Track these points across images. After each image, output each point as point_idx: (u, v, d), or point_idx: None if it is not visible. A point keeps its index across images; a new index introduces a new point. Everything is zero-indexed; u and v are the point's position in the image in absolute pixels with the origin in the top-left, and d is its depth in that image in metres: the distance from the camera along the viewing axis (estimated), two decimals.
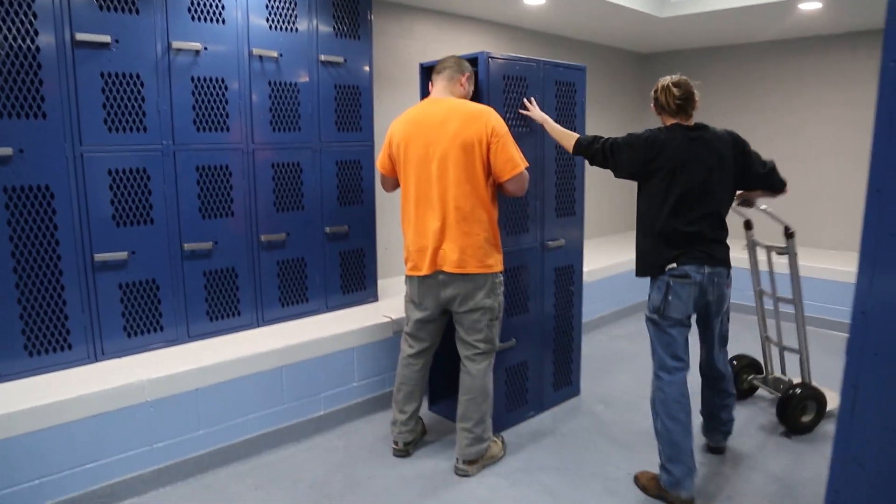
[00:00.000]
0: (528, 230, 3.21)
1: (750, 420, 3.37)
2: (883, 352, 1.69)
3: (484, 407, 2.82)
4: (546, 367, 3.44)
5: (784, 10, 4.42)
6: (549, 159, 3.26)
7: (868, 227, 1.68)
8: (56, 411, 2.40)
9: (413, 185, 2.72)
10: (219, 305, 3.14)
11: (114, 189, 2.75)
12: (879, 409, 1.72)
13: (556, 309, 3.43)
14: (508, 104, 3.02)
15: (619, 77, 6.42)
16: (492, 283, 2.74)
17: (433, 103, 2.75)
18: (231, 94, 3.03)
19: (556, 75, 3.26)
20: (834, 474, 1.85)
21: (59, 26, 2.54)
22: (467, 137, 2.60)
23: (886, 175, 1.63)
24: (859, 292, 1.72)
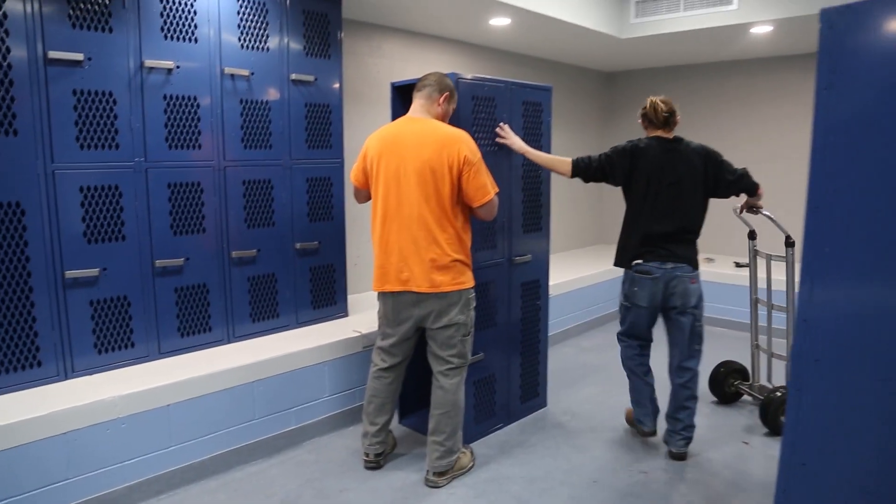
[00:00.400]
0: (496, 246, 3.30)
1: (728, 422, 3.51)
2: (823, 358, 1.81)
3: (456, 420, 2.88)
4: (514, 379, 3.52)
5: (737, 33, 4.63)
6: (516, 177, 3.37)
7: (808, 241, 1.81)
8: (26, 429, 2.39)
9: (382, 202, 2.77)
10: (190, 321, 3.16)
11: (85, 206, 2.77)
12: (821, 412, 1.84)
13: (522, 323, 3.53)
14: (478, 124, 3.12)
15: (584, 95, 6.60)
16: (465, 300, 2.81)
17: (410, 122, 2.80)
18: (203, 111, 3.07)
19: (524, 95, 3.37)
20: (782, 475, 1.97)
21: (31, 44, 2.56)
22: (440, 161, 2.65)
23: (822, 194, 1.76)
24: (801, 302, 1.84)
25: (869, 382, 1.72)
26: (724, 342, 4.91)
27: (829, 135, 1.74)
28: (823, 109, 1.75)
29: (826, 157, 1.75)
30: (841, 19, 1.70)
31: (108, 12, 2.74)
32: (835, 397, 1.81)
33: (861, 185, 1.69)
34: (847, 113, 1.70)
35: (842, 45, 1.71)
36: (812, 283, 1.82)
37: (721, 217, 5.93)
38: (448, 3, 3.86)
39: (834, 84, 1.73)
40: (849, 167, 1.71)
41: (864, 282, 1.72)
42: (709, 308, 5.37)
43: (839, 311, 1.78)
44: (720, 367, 3.84)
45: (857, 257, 1.72)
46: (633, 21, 4.81)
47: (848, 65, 1.70)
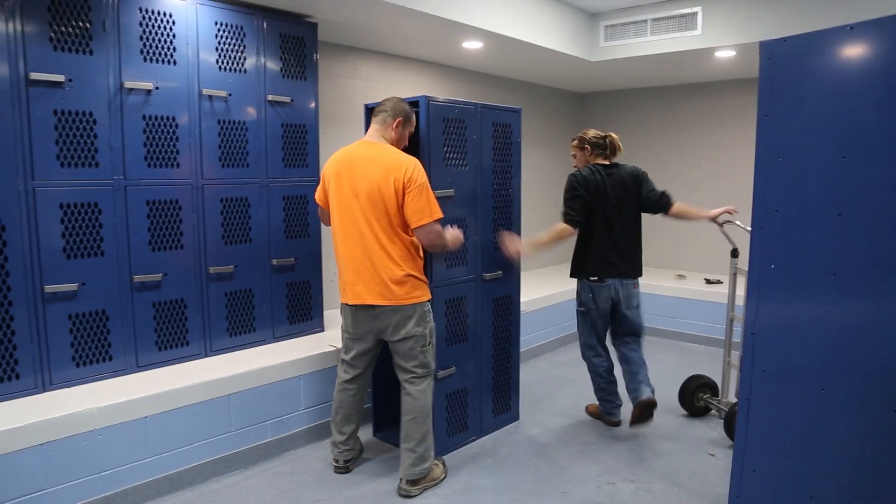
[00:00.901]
0: (467, 262, 3.41)
1: (695, 434, 3.63)
2: (769, 369, 1.94)
3: (425, 426, 2.96)
4: (486, 393, 3.61)
5: (701, 57, 4.82)
6: (486, 195, 3.48)
7: (753, 259, 1.94)
8: (4, 440, 2.43)
9: (338, 220, 2.90)
10: (168, 335, 3.21)
11: (65, 222, 2.83)
12: (768, 420, 1.96)
13: (494, 338, 3.62)
14: (448, 144, 3.24)
15: (557, 115, 6.77)
16: (421, 312, 2.92)
17: (364, 146, 2.91)
18: (181, 131, 3.16)
19: (493, 117, 3.50)
20: (734, 481, 2.08)
21: (13, 65, 2.63)
22: (387, 183, 2.75)
23: (765, 214, 1.89)
24: (748, 316, 1.97)
25: (810, 392, 1.85)
26: (695, 357, 5.06)
27: (770, 159, 1.88)
28: (764, 135, 1.89)
29: (767, 180, 1.89)
30: (778, 51, 1.85)
31: (88, 35, 2.82)
32: (780, 406, 1.93)
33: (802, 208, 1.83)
34: (784, 139, 1.84)
35: (780, 75, 1.85)
36: (758, 298, 1.94)
37: (693, 235, 6.12)
38: (420, 28, 4.00)
39: (773, 111, 1.87)
40: (788, 190, 1.85)
41: (806, 298, 1.85)
42: (680, 324, 5.57)
43: (783, 325, 1.91)
44: (689, 381, 3.95)
45: (800, 274, 1.85)
46: (603, 44, 4.99)
47: (785, 94, 1.84)
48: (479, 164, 3.41)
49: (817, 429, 1.82)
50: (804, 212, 1.79)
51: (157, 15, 3.04)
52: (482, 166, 3.44)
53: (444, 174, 3.21)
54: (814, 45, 1.75)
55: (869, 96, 1.64)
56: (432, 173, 3.12)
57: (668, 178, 6.37)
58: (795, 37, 1.80)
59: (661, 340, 5.68)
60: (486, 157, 3.46)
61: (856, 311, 1.69)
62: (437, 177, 3.16)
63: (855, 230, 1.67)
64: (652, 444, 3.52)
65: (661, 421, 3.85)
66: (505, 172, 3.59)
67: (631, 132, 6.65)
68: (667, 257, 6.50)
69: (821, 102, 1.74)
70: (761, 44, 1.86)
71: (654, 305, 5.76)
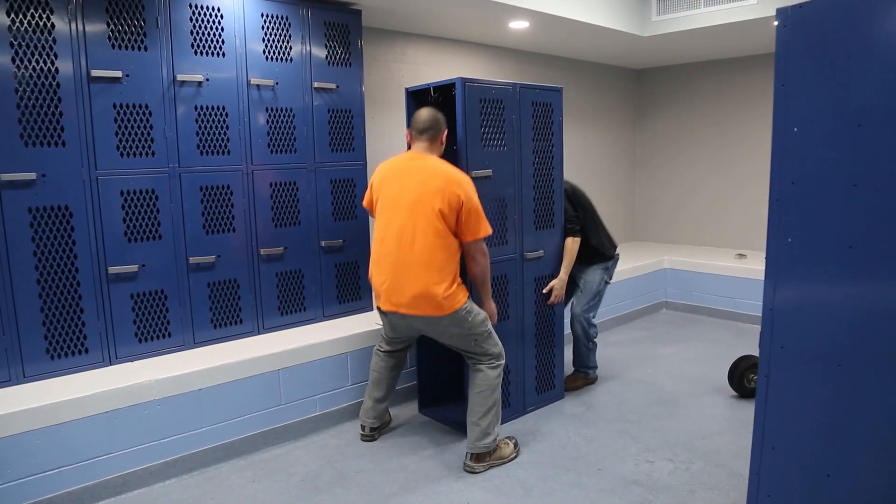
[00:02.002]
0: (508, 241, 3.45)
1: (742, 416, 3.57)
2: (788, 344, 1.90)
3: (491, 400, 3.01)
4: (528, 371, 3.65)
5: (758, 27, 4.62)
6: (527, 175, 3.50)
7: (771, 232, 1.90)
8: (74, 407, 2.68)
9: (384, 226, 2.95)
10: (222, 314, 3.42)
11: (125, 208, 3.06)
12: (787, 397, 1.93)
13: (536, 317, 3.65)
14: (486, 125, 3.26)
15: (614, 93, 6.64)
16: (458, 319, 2.92)
17: (416, 157, 2.98)
18: (231, 120, 3.33)
19: (533, 97, 3.49)
20: (754, 459, 2.06)
21: (76, 64, 2.86)
22: (441, 197, 2.80)
23: (782, 187, 1.85)
24: (767, 291, 1.93)
25: (828, 369, 1.81)
26: (751, 337, 4.89)
27: (786, 129, 1.83)
28: (781, 105, 1.84)
29: (784, 151, 1.84)
30: (795, 17, 1.79)
31: (143, 32, 3.02)
32: (799, 384, 1.90)
33: (818, 179, 1.78)
34: (800, 108, 1.79)
35: (796, 42, 1.80)
36: (776, 273, 1.91)
37: (754, 212, 5.91)
38: (464, 10, 4.02)
39: (789, 80, 1.82)
40: (806, 161, 1.80)
41: (823, 272, 1.81)
42: (739, 304, 5.42)
43: (802, 300, 1.87)
44: (740, 361, 3.87)
45: (816, 248, 1.81)
46: (655, 19, 4.86)
47: (801, 62, 1.79)
48: (518, 144, 3.43)
49: (836, 407, 1.79)
50: (820, 183, 1.74)
51: (206, 10, 3.21)
52: (522, 146, 3.45)
53: (481, 155, 3.25)
54: (831, 10, 1.69)
55: (886, 62, 1.58)
56: (469, 154, 3.17)
57: (730, 156, 6.17)
58: (811, 2, 1.73)
59: (718, 321, 5.55)
60: (526, 136, 3.47)
61: (872, 285, 1.64)
62: (475, 157, 3.21)
63: (870, 201, 1.61)
64: (697, 425, 3.48)
65: (709, 400, 3.80)
66: (546, 152, 3.59)
67: (689, 107, 6.46)
68: (728, 236, 6.31)
69: (837, 69, 1.69)
70: (777, 10, 1.81)
71: (713, 285, 5.63)
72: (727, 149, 6.22)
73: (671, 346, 4.94)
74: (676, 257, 5.98)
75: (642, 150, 6.96)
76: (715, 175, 6.36)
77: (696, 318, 5.73)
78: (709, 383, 4.08)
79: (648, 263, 5.82)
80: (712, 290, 5.64)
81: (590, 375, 4.01)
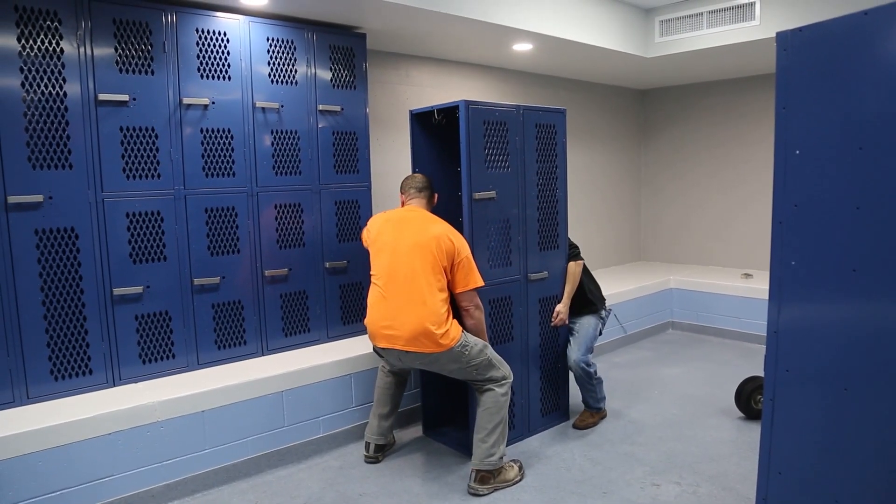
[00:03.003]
0: (512, 263, 3.44)
1: (749, 438, 3.53)
2: (793, 367, 1.89)
3: (497, 418, 3.00)
4: (533, 392, 3.63)
5: (761, 48, 4.64)
6: (531, 195, 3.51)
7: (774, 255, 1.89)
8: (77, 429, 2.68)
9: (383, 271, 3.02)
10: (226, 335, 3.42)
11: (131, 230, 3.08)
12: (793, 421, 1.91)
13: (541, 338, 3.64)
14: (489, 146, 3.28)
15: (618, 113, 6.66)
16: (454, 355, 2.94)
17: (414, 210, 3.16)
18: (236, 142, 3.36)
19: (536, 118, 3.51)
20: (760, 483, 2.04)
21: (84, 88, 2.90)
22: (437, 246, 2.93)
23: (785, 209, 1.84)
24: (771, 314, 1.92)
25: (833, 392, 1.79)
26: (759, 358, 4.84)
27: (788, 152, 1.84)
28: (782, 127, 1.85)
29: (786, 173, 1.84)
30: (795, 41, 1.80)
31: (150, 56, 3.06)
32: (805, 406, 1.88)
33: (821, 202, 1.78)
34: (802, 131, 1.79)
35: (796, 65, 1.81)
36: (780, 296, 1.90)
37: (760, 231, 5.89)
38: (468, 32, 4.06)
39: (790, 103, 1.82)
40: (807, 183, 1.80)
41: (827, 295, 1.80)
42: (745, 324, 5.38)
43: (805, 323, 1.86)
44: (747, 383, 3.83)
45: (820, 271, 1.80)
46: (658, 40, 4.89)
47: (802, 84, 1.79)
48: (521, 165, 3.44)
49: (842, 431, 1.76)
50: (823, 206, 1.73)
51: (213, 34, 3.25)
52: (525, 168, 3.46)
53: (484, 176, 3.27)
54: (830, 34, 1.70)
55: (886, 85, 1.58)
56: (473, 175, 3.19)
57: (736, 175, 6.17)
58: (811, 26, 1.75)
59: (725, 341, 5.51)
60: (530, 158, 3.49)
61: (876, 309, 1.63)
62: (478, 179, 3.23)
63: (873, 224, 1.61)
64: (704, 447, 3.44)
65: (715, 422, 3.76)
66: (550, 173, 3.60)
67: (694, 127, 6.48)
68: (734, 256, 6.28)
69: (837, 92, 1.69)
70: (777, 34, 1.82)
71: (719, 305, 5.60)
72: (732, 168, 6.22)
73: (677, 366, 4.91)
74: (682, 277, 5.96)
75: (647, 170, 6.97)
76: (720, 194, 6.35)
77: (702, 338, 5.69)
78: (715, 405, 4.04)
79: (654, 283, 5.80)
80: (718, 310, 5.60)
81: (601, 410, 3.86)
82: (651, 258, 7.09)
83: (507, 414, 3.06)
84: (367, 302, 3.10)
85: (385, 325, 2.98)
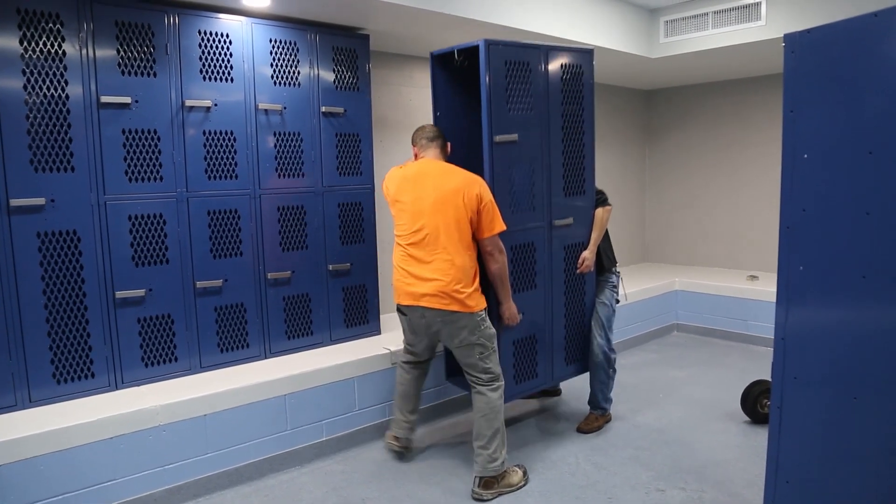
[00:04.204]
0: (535, 208, 3.37)
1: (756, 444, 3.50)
2: (800, 376, 1.86)
3: (495, 424, 2.99)
4: (557, 341, 3.56)
5: (767, 49, 4.60)
6: (556, 140, 3.40)
7: (782, 260, 1.87)
8: (80, 433, 2.67)
9: (407, 230, 3.00)
10: (229, 338, 3.41)
11: (133, 233, 3.07)
12: (801, 429, 1.88)
13: (566, 285, 3.56)
14: (511, 88, 3.18)
15: (623, 114, 6.63)
16: (473, 322, 2.96)
17: (430, 163, 3.07)
18: (239, 144, 3.34)
19: (562, 59, 3.40)
20: (768, 492, 2.01)
21: (86, 90, 2.89)
22: (459, 196, 2.90)
23: (793, 214, 1.82)
24: (778, 320, 1.89)
25: (843, 401, 1.76)
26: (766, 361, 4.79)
27: (796, 156, 1.81)
28: (790, 131, 1.82)
29: (794, 178, 1.82)
30: (802, 43, 1.77)
31: (152, 58, 3.05)
32: (813, 414, 1.85)
33: (829, 207, 1.75)
34: (810, 134, 1.76)
35: (804, 68, 1.78)
36: (788, 302, 1.87)
37: (766, 233, 5.85)
38: (471, 34, 4.03)
39: (798, 106, 1.79)
40: (815, 188, 1.77)
41: (836, 301, 1.77)
42: (752, 326, 5.34)
43: (813, 330, 1.83)
44: (753, 386, 3.79)
45: (828, 277, 1.77)
46: (663, 40, 4.86)
47: (810, 87, 1.77)
48: (546, 108, 3.35)
49: (851, 440, 1.74)
50: (832, 211, 1.71)
51: (215, 36, 3.24)
52: (550, 110, 3.37)
53: (506, 119, 3.17)
54: (838, 35, 1.67)
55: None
56: (494, 117, 3.11)
57: (742, 177, 6.13)
58: (819, 27, 1.72)
59: (731, 344, 5.47)
60: (555, 100, 3.38)
61: (886, 316, 1.60)
62: (499, 121, 3.14)
63: (883, 229, 1.58)
64: (710, 452, 3.41)
65: (721, 426, 3.73)
66: (576, 116, 3.49)
67: (699, 128, 6.44)
68: (739, 258, 6.24)
69: (846, 95, 1.66)
70: (785, 36, 1.79)
71: (725, 307, 5.56)
72: (738, 169, 6.18)
73: (683, 369, 4.87)
74: (687, 279, 5.92)
75: (652, 171, 6.93)
76: (726, 196, 6.31)
77: (708, 340, 5.65)
78: (721, 408, 4.01)
79: (659, 285, 5.76)
80: (724, 312, 5.56)
81: (606, 412, 3.78)
82: (656, 260, 7.05)
83: (503, 419, 3.04)
84: (393, 261, 3.12)
85: (410, 282, 2.99)
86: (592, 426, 3.71)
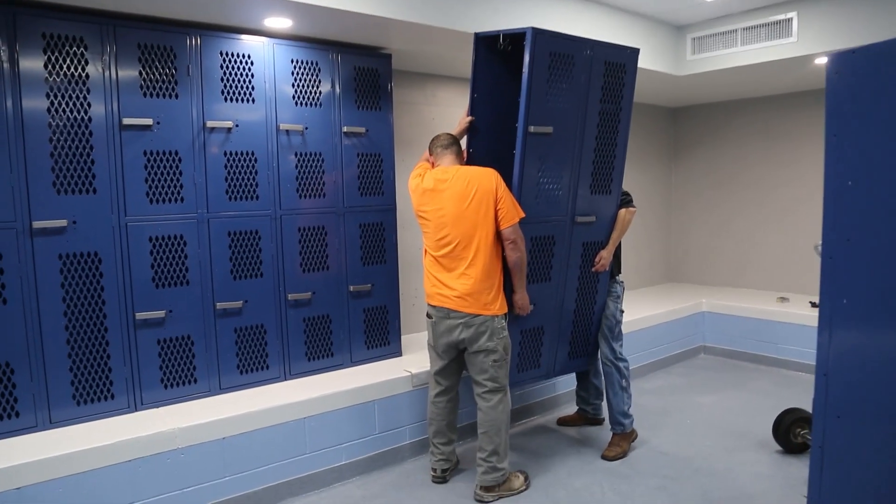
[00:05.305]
0: (560, 202, 3.34)
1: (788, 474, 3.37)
2: (845, 413, 1.76)
3: (497, 440, 3.08)
4: (563, 335, 3.57)
5: (799, 66, 4.50)
6: (590, 137, 3.35)
7: (824, 292, 1.77)
8: (99, 456, 2.65)
9: (435, 243, 3.09)
10: (248, 360, 3.37)
11: (154, 254, 3.05)
12: (843, 470, 1.78)
13: (579, 282, 3.54)
14: (553, 80, 3.13)
15: (649, 131, 6.53)
16: (493, 328, 3.03)
17: (446, 172, 3.11)
18: (260, 165, 3.33)
19: (606, 56, 3.34)
20: None
21: (109, 112, 2.89)
22: (479, 195, 2.98)
23: (838, 242, 1.73)
24: (820, 355, 1.80)
25: (890, 441, 1.66)
26: (799, 388, 4.66)
27: (840, 183, 1.72)
28: (833, 157, 1.74)
29: (838, 206, 1.73)
30: (847, 63, 1.69)
31: (174, 80, 3.05)
32: (858, 454, 1.75)
33: (876, 237, 1.66)
34: (855, 160, 1.68)
35: (849, 90, 1.70)
36: (830, 336, 1.78)
37: (796, 254, 5.70)
38: None
39: (842, 130, 1.71)
40: (860, 217, 1.68)
41: (883, 335, 1.67)
42: (782, 350, 5.18)
43: (858, 366, 1.73)
44: (785, 415, 3.64)
45: (875, 309, 1.68)
46: (690, 58, 4.78)
47: (855, 110, 1.68)
48: (584, 103, 3.30)
49: None
50: (878, 241, 1.62)
51: (237, 57, 3.23)
52: (587, 106, 3.32)
53: (543, 110, 3.13)
54: (885, 54, 1.59)
55: None
56: (532, 108, 3.06)
57: (770, 196, 5.99)
58: (865, 47, 1.64)
59: (761, 368, 5.31)
60: (594, 97, 3.34)
61: None
62: (536, 112, 3.09)
63: None
64: (740, 483, 3.28)
65: (752, 456, 3.59)
66: (613, 115, 3.45)
67: (726, 146, 6.32)
68: (768, 278, 6.08)
69: (894, 118, 1.58)
70: (829, 56, 1.71)
71: (754, 330, 5.41)
72: (765, 188, 6.05)
73: (711, 394, 4.73)
74: (715, 300, 5.78)
75: (678, 190, 6.81)
76: (754, 215, 6.17)
77: (736, 363, 5.49)
78: (752, 437, 3.87)
79: (686, 306, 5.63)
80: (753, 334, 5.41)
81: (627, 428, 3.64)
82: (682, 280, 6.91)
83: (507, 432, 3.13)
84: (424, 265, 3.21)
85: (440, 288, 3.10)
86: (617, 452, 3.59)
